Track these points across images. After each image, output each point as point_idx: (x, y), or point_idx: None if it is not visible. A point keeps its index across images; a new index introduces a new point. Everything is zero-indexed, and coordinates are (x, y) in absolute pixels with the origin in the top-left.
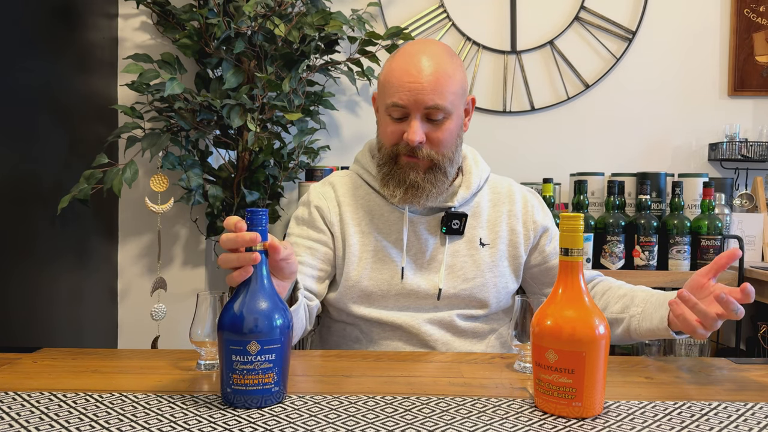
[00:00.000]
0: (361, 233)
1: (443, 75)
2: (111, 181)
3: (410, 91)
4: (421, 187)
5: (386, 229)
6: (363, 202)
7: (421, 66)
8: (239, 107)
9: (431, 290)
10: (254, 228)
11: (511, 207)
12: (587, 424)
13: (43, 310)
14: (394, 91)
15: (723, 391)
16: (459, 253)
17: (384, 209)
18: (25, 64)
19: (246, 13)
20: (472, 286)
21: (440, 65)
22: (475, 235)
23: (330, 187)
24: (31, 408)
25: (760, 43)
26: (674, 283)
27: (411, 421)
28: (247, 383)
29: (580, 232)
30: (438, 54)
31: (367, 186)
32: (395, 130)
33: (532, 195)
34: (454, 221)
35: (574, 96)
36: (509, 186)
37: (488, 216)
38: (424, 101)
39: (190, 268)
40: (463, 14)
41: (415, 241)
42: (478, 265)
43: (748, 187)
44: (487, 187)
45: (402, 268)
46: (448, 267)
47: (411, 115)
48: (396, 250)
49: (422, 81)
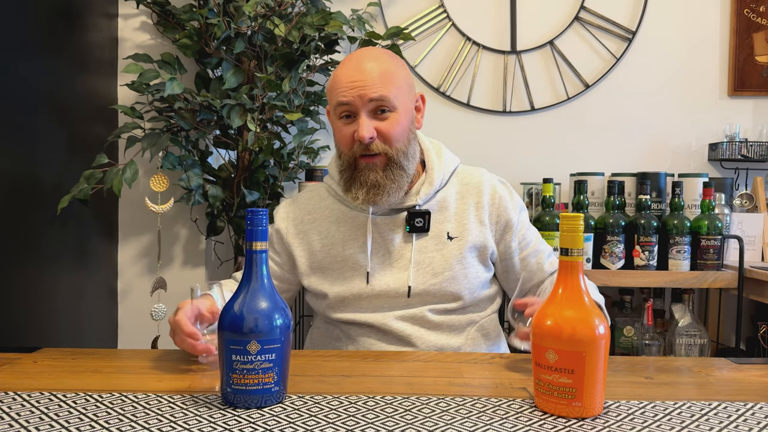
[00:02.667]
0: (328, 245)
1: (384, 71)
2: (111, 181)
3: (353, 89)
4: (382, 185)
5: (352, 236)
6: (328, 213)
7: (362, 66)
8: (239, 107)
9: (401, 288)
10: (254, 228)
11: (479, 199)
12: (587, 424)
13: (43, 310)
14: (339, 92)
15: (723, 391)
16: (427, 249)
17: (348, 216)
18: (25, 64)
19: (246, 13)
20: (442, 280)
21: (381, 63)
22: (442, 229)
23: (295, 205)
24: (31, 408)
25: (760, 43)
26: (674, 283)
27: (411, 421)
28: (247, 383)
29: (580, 232)
30: (378, 55)
31: (333, 196)
32: (347, 132)
33: (501, 186)
34: (417, 219)
35: (574, 96)
36: (479, 177)
37: (455, 209)
38: (367, 95)
39: (190, 268)
40: (463, 14)
41: (381, 242)
42: (446, 259)
43: (748, 187)
44: (455, 180)
45: (367, 272)
46: (416, 264)
47: (358, 112)
48: (363, 254)
49: (364, 78)
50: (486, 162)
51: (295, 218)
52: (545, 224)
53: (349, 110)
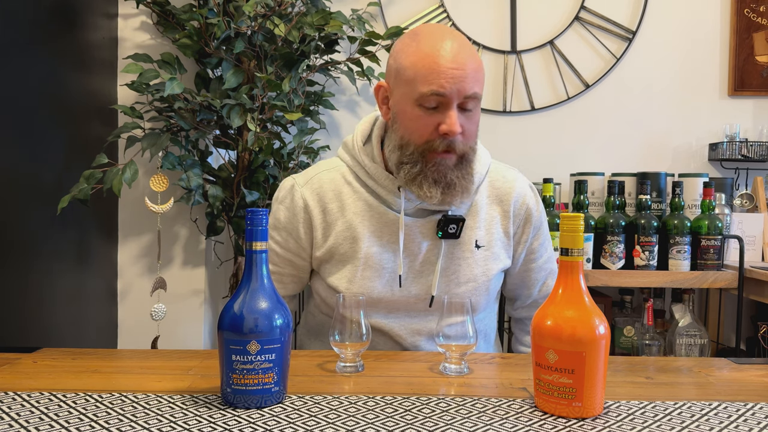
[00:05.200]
0: (350, 238)
1: (479, 65)
2: (111, 181)
3: (453, 78)
4: (455, 185)
5: (378, 232)
6: (352, 201)
7: (460, 56)
8: (239, 107)
9: (422, 295)
10: (254, 228)
11: (507, 207)
12: (587, 425)
13: (43, 310)
14: (434, 78)
15: (723, 391)
16: (453, 256)
17: (376, 210)
18: (25, 64)
19: (246, 13)
20: (465, 290)
21: (474, 55)
22: (471, 236)
23: (310, 189)
24: (31, 408)
25: (760, 43)
26: (674, 283)
27: (411, 421)
28: (247, 383)
29: (580, 232)
30: (468, 44)
31: (357, 183)
32: (430, 122)
33: (531, 196)
34: (451, 226)
35: (574, 96)
36: (512, 182)
37: (485, 216)
38: (465, 90)
39: (190, 268)
40: (463, 14)
41: (409, 244)
42: (471, 269)
43: (748, 187)
44: (487, 182)
45: (399, 276)
46: (442, 271)
47: (448, 104)
48: (389, 254)
49: (465, 68)
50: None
51: (316, 199)
52: None
53: (441, 101)
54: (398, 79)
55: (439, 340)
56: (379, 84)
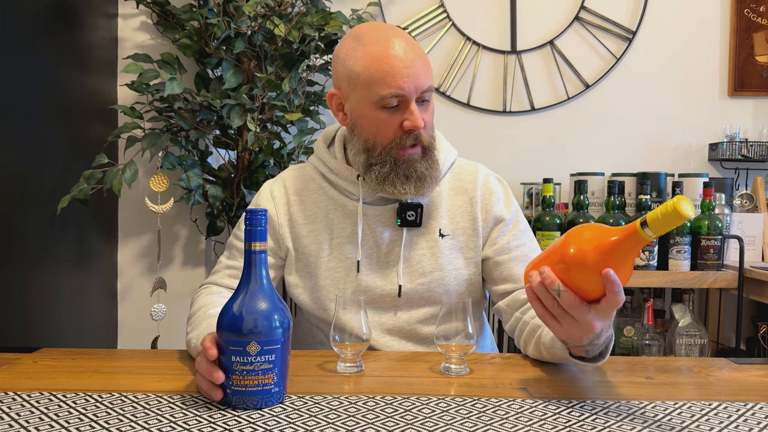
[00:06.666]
0: (314, 231)
1: (424, 54)
2: (111, 181)
3: (409, 77)
4: (425, 176)
5: (340, 224)
6: (315, 197)
7: (407, 49)
8: (239, 107)
9: (389, 287)
10: (253, 228)
11: (472, 195)
12: (587, 425)
13: (43, 310)
14: (391, 81)
15: (723, 392)
16: (417, 246)
17: (338, 202)
18: (25, 64)
19: (246, 13)
20: (430, 280)
21: (417, 45)
22: (434, 225)
23: (281, 183)
24: (31, 408)
25: (760, 43)
26: (674, 283)
27: (411, 421)
28: (247, 384)
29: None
30: (407, 35)
31: (321, 179)
32: (394, 122)
33: (495, 182)
34: (409, 212)
35: (574, 96)
36: (474, 173)
37: (448, 205)
38: (420, 85)
39: (190, 268)
40: (463, 14)
41: (370, 234)
42: (436, 258)
43: (748, 187)
44: (450, 175)
45: (357, 261)
46: (406, 260)
47: (408, 102)
48: (351, 245)
49: (417, 64)
50: (486, 162)
51: (282, 197)
52: (545, 224)
53: (401, 100)
54: (352, 84)
55: (439, 341)
56: (330, 92)
